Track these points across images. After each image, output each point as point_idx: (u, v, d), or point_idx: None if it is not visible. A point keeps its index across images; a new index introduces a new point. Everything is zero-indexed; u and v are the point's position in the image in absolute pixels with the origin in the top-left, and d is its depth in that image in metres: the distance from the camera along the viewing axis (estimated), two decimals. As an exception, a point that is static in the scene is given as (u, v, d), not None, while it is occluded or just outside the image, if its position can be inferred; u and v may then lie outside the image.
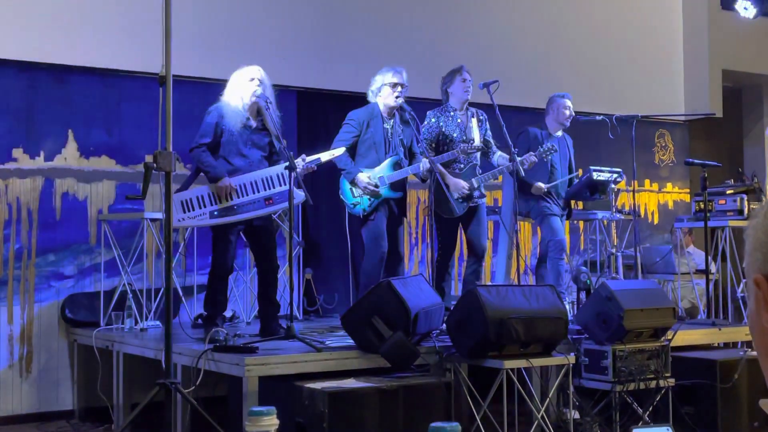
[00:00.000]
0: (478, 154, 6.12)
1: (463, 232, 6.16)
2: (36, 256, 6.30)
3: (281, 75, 6.86)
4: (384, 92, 5.78)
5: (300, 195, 5.14)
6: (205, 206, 5.12)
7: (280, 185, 5.18)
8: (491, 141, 6.23)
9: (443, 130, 6.02)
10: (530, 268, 7.44)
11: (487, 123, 6.23)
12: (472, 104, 6.20)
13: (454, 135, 6.01)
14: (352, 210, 5.72)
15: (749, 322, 1.30)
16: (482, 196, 6.11)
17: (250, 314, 6.63)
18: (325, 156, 5.41)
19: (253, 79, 5.20)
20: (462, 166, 6.03)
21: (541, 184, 6.41)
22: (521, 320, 4.68)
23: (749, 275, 1.26)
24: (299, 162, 5.17)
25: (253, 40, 7.03)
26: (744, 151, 10.47)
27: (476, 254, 6.09)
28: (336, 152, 5.51)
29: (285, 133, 5.52)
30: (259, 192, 5.16)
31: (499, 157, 6.17)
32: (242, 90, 5.21)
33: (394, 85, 5.75)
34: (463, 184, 5.95)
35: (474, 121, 6.13)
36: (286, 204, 5.16)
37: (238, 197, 5.14)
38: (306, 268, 7.16)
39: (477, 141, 6.04)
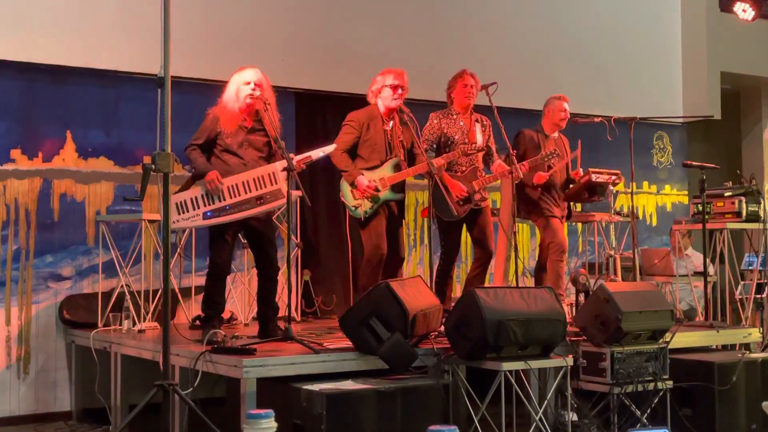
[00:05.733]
0: (480, 157, 6.10)
1: (468, 234, 6.14)
2: (34, 257, 6.30)
3: (280, 77, 6.84)
4: (384, 94, 5.77)
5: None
6: (198, 207, 5.12)
7: (272, 184, 5.16)
8: (493, 148, 6.21)
9: (445, 131, 6.00)
10: (528, 269, 7.44)
11: (491, 129, 6.20)
12: (475, 109, 6.18)
13: (456, 137, 5.99)
14: (354, 212, 5.70)
15: None
16: (484, 199, 6.08)
17: (248, 315, 6.63)
18: (315, 153, 5.37)
19: (249, 83, 5.21)
20: (464, 168, 6.02)
21: (541, 173, 6.38)
22: (519, 322, 4.67)
23: None
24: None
25: (252, 41, 7.02)
26: (742, 153, 10.48)
27: (483, 257, 6.06)
28: (327, 149, 5.46)
29: (284, 135, 5.51)
30: (250, 192, 5.15)
31: (498, 165, 6.14)
32: (238, 92, 5.22)
33: (395, 87, 5.74)
34: (462, 186, 5.93)
35: (477, 126, 6.11)
36: (278, 203, 5.16)
37: (230, 198, 5.13)
38: (304, 269, 7.16)
39: (479, 144, 6.03)
